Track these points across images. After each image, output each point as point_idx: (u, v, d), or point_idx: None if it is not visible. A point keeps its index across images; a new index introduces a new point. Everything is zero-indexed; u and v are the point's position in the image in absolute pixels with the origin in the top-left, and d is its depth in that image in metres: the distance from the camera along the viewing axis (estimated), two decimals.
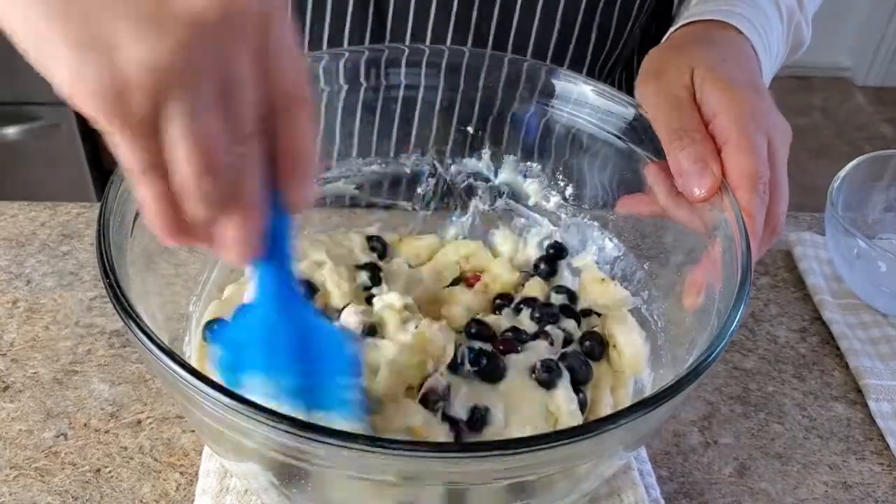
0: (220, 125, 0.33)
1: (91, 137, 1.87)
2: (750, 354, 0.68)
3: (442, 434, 0.48)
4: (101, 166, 1.89)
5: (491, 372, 0.52)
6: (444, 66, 0.63)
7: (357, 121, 0.65)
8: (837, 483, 0.59)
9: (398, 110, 0.65)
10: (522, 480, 0.41)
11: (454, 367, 0.51)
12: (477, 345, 0.53)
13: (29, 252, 0.73)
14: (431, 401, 0.48)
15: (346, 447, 0.35)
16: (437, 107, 0.65)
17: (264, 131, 0.35)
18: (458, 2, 0.72)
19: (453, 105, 0.65)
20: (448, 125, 0.66)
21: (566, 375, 0.52)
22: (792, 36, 0.66)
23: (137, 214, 0.48)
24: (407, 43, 0.73)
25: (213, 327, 0.55)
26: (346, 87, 0.62)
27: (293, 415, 0.36)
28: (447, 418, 0.48)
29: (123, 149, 0.33)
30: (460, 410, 0.49)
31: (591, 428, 0.37)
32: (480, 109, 0.65)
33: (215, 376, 0.41)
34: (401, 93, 0.64)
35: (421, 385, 0.49)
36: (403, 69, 0.63)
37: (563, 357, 0.54)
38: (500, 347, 0.54)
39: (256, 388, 0.41)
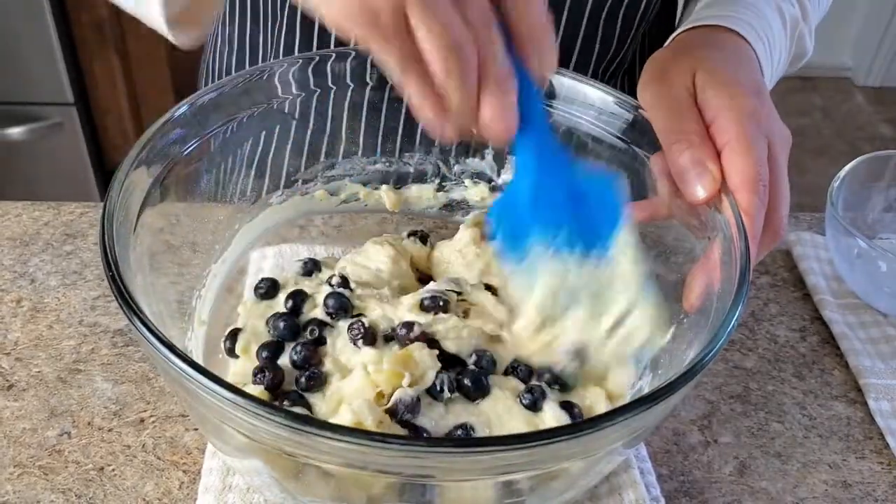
0: (457, 20, 0.38)
1: (95, 137, 1.88)
2: (750, 353, 0.69)
3: None
4: (105, 166, 1.90)
5: (473, 390, 0.51)
6: None
7: (362, 120, 0.65)
8: (837, 482, 0.59)
9: (403, 109, 0.65)
10: (521, 477, 0.42)
11: (432, 392, 0.50)
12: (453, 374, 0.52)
13: (33, 251, 0.73)
14: (398, 412, 0.48)
15: (342, 441, 0.35)
16: None
17: (502, 14, 0.41)
18: None
19: None
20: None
21: (550, 394, 0.51)
22: (794, 46, 0.67)
23: (141, 212, 0.48)
24: None
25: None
26: (352, 85, 0.62)
27: (301, 412, 0.36)
28: (412, 427, 0.48)
29: (383, 56, 0.39)
30: (435, 428, 0.49)
31: (589, 425, 0.37)
32: None
33: (500, 248, 0.48)
34: (387, 92, 0.64)
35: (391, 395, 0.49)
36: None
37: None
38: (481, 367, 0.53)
39: (538, 252, 0.47)
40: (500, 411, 0.50)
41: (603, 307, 0.49)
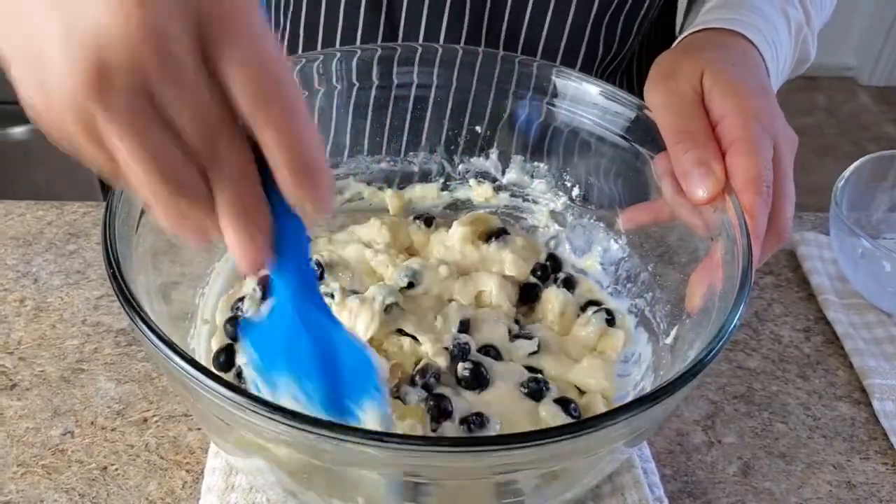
0: (160, 135, 0.32)
1: None
2: (754, 354, 0.68)
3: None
4: None
5: (475, 379, 0.51)
6: (453, 65, 0.63)
7: (367, 119, 0.65)
8: (841, 482, 0.59)
9: (408, 109, 0.65)
10: (523, 476, 0.42)
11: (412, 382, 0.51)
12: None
13: (36, 251, 0.73)
14: (426, 373, 0.50)
15: (343, 440, 0.35)
16: (447, 106, 0.65)
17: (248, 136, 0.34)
18: (468, 18, 0.72)
19: (462, 104, 0.65)
20: (457, 124, 0.66)
21: (554, 389, 0.53)
22: (798, 49, 0.67)
23: (143, 212, 0.48)
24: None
25: (236, 322, 0.56)
26: (356, 84, 0.62)
27: (301, 411, 0.36)
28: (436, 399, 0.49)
29: (86, 158, 0.34)
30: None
31: (590, 423, 0.37)
32: (489, 109, 0.65)
33: (248, 370, 0.42)
34: (410, 91, 0.64)
35: None
36: (413, 68, 0.63)
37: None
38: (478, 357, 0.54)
39: (284, 390, 0.41)
40: (504, 399, 0.52)
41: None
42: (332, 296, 0.56)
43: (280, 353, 0.42)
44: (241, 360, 0.53)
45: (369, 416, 0.42)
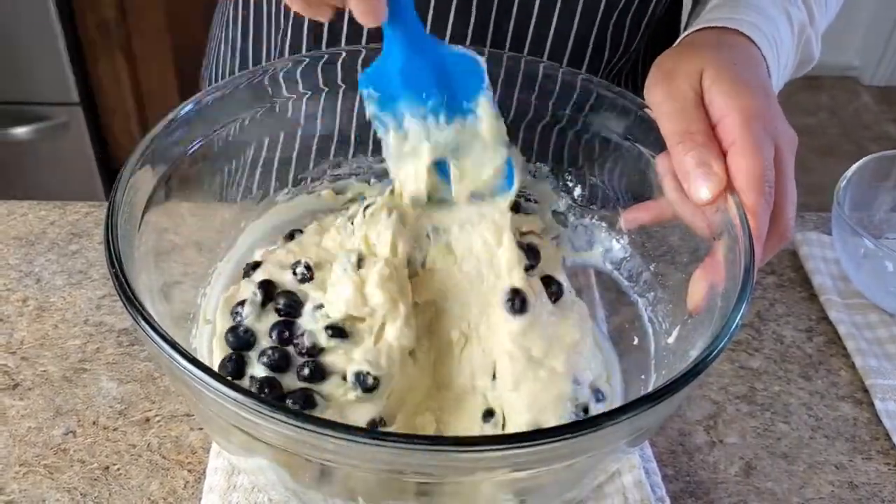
0: None
1: (100, 137, 1.88)
2: (756, 354, 0.68)
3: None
4: (110, 166, 1.90)
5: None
6: None
7: (367, 118, 0.65)
8: (844, 483, 0.59)
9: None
10: (524, 475, 0.42)
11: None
12: None
13: (38, 251, 0.73)
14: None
15: (345, 440, 0.35)
16: None
17: None
18: (473, 17, 0.72)
19: None
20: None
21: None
22: (801, 50, 0.66)
23: (145, 211, 0.48)
24: None
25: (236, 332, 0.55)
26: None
27: (295, 408, 0.36)
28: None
29: None
30: None
31: (591, 424, 0.37)
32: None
33: (372, 109, 0.54)
34: None
35: None
36: None
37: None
38: None
39: (408, 114, 0.53)
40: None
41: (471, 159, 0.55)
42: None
43: (399, 84, 0.52)
44: (253, 365, 0.53)
45: (483, 112, 0.54)
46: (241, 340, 0.53)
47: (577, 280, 0.64)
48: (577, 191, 0.65)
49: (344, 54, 0.62)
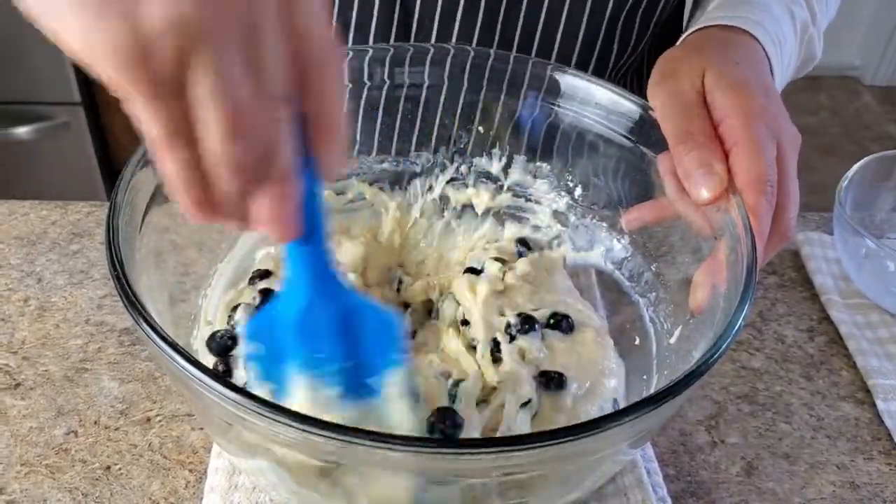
0: (249, 83, 0.30)
1: (102, 137, 1.88)
2: (757, 354, 0.68)
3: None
4: (112, 166, 1.90)
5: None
6: (455, 65, 0.63)
7: (368, 120, 0.65)
8: (845, 483, 0.59)
9: (412, 109, 0.65)
10: (525, 477, 0.42)
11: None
12: None
13: (40, 251, 0.73)
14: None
15: (346, 440, 0.35)
16: (448, 106, 0.65)
17: (292, 95, 0.33)
18: (481, 18, 0.72)
19: (464, 104, 0.65)
20: (461, 125, 0.66)
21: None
22: (804, 49, 0.66)
23: (146, 211, 0.48)
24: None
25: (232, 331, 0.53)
26: (367, 84, 0.62)
27: (305, 412, 0.36)
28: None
29: (145, 114, 0.31)
30: None
31: (593, 426, 0.37)
32: (491, 109, 0.65)
33: (253, 373, 0.42)
34: (412, 92, 0.64)
35: None
36: (414, 68, 0.63)
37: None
38: None
39: (299, 382, 0.41)
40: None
41: None
42: None
43: (292, 339, 0.41)
44: (240, 367, 0.51)
45: (392, 392, 0.42)
46: (220, 346, 0.52)
47: (578, 280, 0.64)
48: (578, 191, 0.65)
49: (351, 54, 0.62)
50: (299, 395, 0.42)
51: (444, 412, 0.47)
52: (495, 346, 0.54)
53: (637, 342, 0.59)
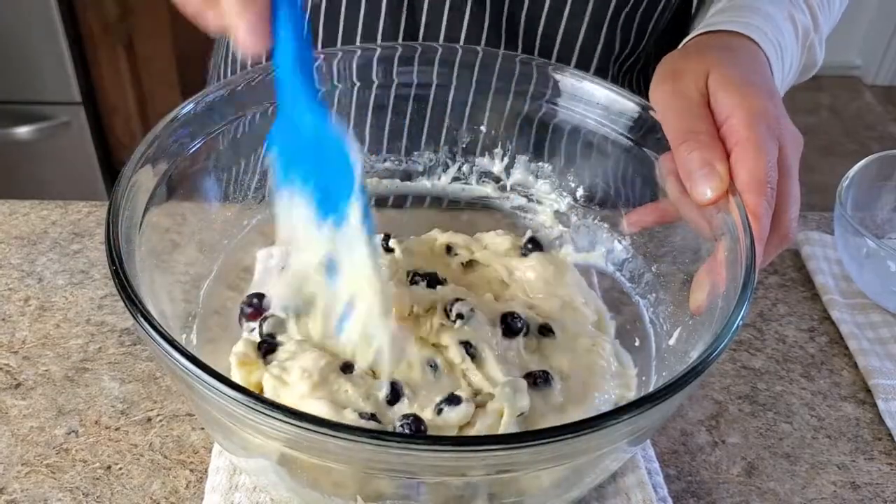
0: None
1: (102, 137, 1.88)
2: (758, 354, 0.68)
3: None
4: (112, 165, 1.91)
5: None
6: (456, 64, 0.63)
7: (370, 118, 0.65)
8: (846, 483, 0.59)
9: (417, 109, 0.65)
10: (524, 474, 0.42)
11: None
12: None
13: (40, 250, 0.73)
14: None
15: (346, 439, 0.35)
16: (450, 105, 0.65)
17: None
18: (488, 19, 0.72)
19: (466, 104, 0.65)
20: (460, 124, 0.66)
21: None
22: (805, 55, 0.66)
23: (146, 210, 0.48)
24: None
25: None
26: (358, 84, 0.62)
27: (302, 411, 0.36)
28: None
29: None
30: None
31: (592, 423, 0.37)
32: (493, 109, 0.65)
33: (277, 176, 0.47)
34: (413, 91, 0.64)
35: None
36: (416, 67, 0.63)
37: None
38: None
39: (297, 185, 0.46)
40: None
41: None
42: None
43: (296, 148, 0.46)
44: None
45: (353, 214, 0.46)
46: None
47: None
48: (580, 191, 0.65)
49: (340, 54, 0.62)
50: (298, 212, 0.47)
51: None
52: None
53: (637, 343, 0.59)
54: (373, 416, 0.48)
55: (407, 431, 0.47)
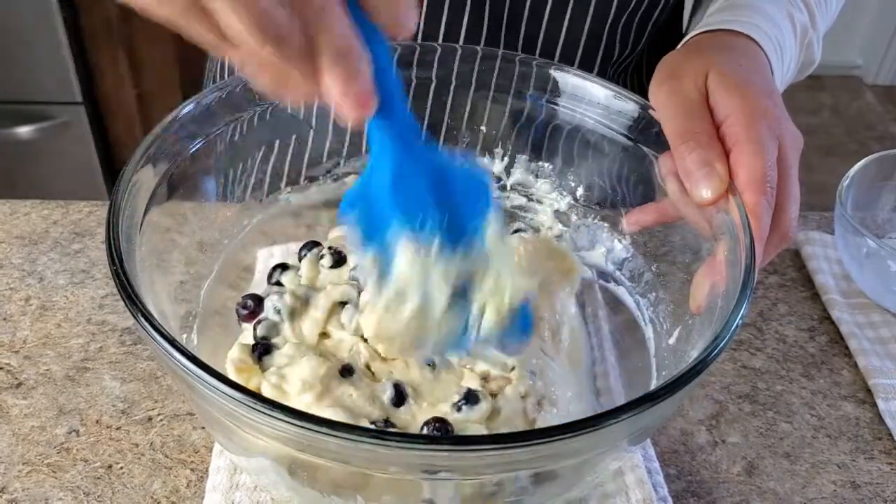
0: None
1: (103, 136, 1.88)
2: (758, 353, 0.68)
3: None
4: (113, 165, 1.91)
5: None
6: (455, 64, 0.63)
7: None
8: (846, 482, 0.59)
9: (417, 108, 0.65)
10: (524, 474, 0.42)
11: None
12: None
13: (41, 250, 0.73)
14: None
15: (346, 439, 0.35)
16: (450, 106, 0.65)
17: None
18: (487, 20, 0.72)
19: (466, 104, 0.65)
20: (460, 124, 0.66)
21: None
22: (803, 53, 0.66)
23: (147, 210, 0.48)
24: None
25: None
26: None
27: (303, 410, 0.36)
28: None
29: (190, 32, 0.35)
30: None
31: (592, 423, 0.37)
32: (493, 108, 0.65)
33: (357, 240, 0.44)
34: (413, 91, 0.64)
35: None
36: (415, 68, 0.63)
37: None
38: None
39: (400, 241, 0.43)
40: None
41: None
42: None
43: (388, 204, 0.43)
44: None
45: (493, 234, 0.45)
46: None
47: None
48: (580, 191, 0.65)
49: None
50: (404, 255, 0.44)
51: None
52: None
53: (637, 342, 0.59)
54: (387, 422, 0.48)
55: (435, 434, 0.46)
